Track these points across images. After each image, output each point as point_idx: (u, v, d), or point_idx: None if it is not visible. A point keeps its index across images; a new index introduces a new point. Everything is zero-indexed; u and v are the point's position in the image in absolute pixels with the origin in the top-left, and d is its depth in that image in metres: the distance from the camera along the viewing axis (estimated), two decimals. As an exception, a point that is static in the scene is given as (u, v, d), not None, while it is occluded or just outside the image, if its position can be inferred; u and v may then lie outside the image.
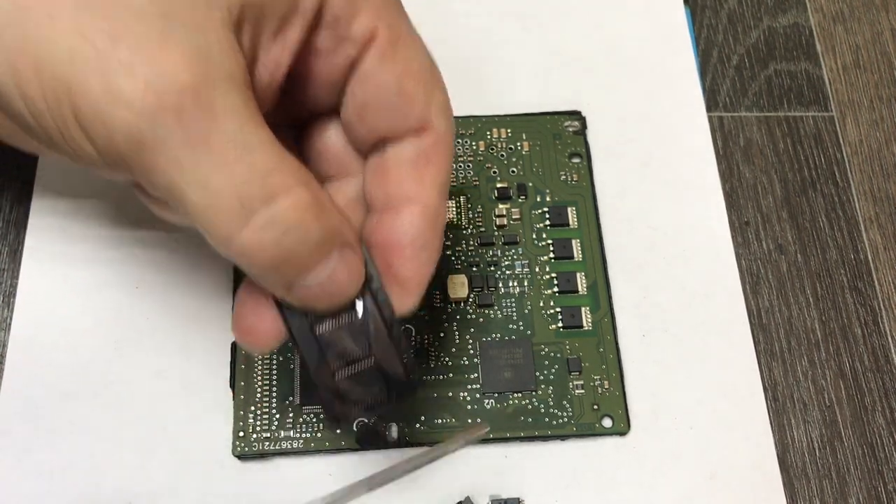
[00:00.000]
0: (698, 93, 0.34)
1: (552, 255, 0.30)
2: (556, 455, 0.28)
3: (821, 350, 0.30)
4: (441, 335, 0.29)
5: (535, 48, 0.34)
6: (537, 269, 0.30)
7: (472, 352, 0.28)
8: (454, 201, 0.31)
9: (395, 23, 0.20)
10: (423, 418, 0.27)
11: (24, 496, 0.26)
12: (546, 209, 0.31)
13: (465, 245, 0.30)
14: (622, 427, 0.28)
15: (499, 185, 0.31)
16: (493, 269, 0.30)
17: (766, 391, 0.29)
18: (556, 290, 0.29)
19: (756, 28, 0.36)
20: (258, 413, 0.27)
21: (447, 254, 0.30)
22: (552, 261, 0.30)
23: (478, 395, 0.28)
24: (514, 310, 0.29)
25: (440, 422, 0.27)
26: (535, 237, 0.30)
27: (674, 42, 0.35)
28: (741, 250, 0.31)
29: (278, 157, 0.17)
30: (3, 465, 0.26)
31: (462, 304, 0.29)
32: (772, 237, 0.32)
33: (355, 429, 0.27)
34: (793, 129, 0.34)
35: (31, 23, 0.16)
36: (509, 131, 0.32)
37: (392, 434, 0.27)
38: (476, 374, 0.28)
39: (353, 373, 0.21)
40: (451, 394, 0.28)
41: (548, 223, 0.30)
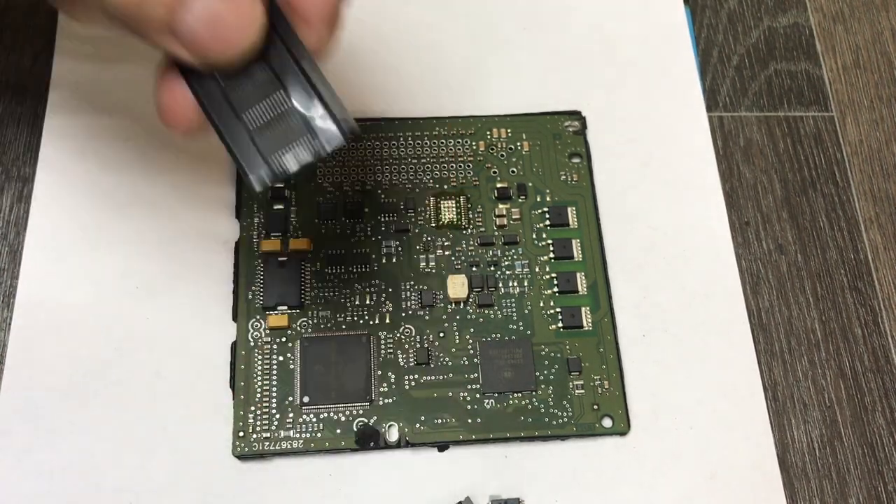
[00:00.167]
0: (698, 93, 0.34)
1: (552, 255, 0.30)
2: (556, 455, 0.28)
3: (821, 350, 0.30)
4: (441, 335, 0.29)
5: (535, 48, 0.34)
6: (537, 269, 0.30)
7: (472, 352, 0.28)
8: (454, 201, 0.31)
9: None
10: (423, 418, 0.27)
11: (24, 496, 0.26)
12: (546, 209, 0.31)
13: (465, 245, 0.30)
14: (622, 427, 0.28)
15: (499, 185, 0.31)
16: (493, 269, 0.30)
17: (766, 391, 0.29)
18: (556, 290, 0.29)
19: (756, 28, 0.36)
20: (258, 413, 0.27)
21: (447, 254, 0.30)
22: (552, 261, 0.30)
23: (478, 395, 0.28)
24: (514, 310, 0.29)
25: (440, 422, 0.27)
26: (535, 237, 0.30)
27: (674, 42, 0.35)
28: (741, 250, 0.31)
29: None
30: (3, 465, 0.26)
31: (462, 304, 0.29)
32: (772, 237, 0.32)
33: (355, 429, 0.27)
34: (793, 129, 0.34)
35: None
36: (509, 131, 0.32)
37: (392, 434, 0.27)
38: (476, 374, 0.28)
39: (270, 118, 0.20)
40: (451, 394, 0.28)
41: (548, 223, 0.30)
